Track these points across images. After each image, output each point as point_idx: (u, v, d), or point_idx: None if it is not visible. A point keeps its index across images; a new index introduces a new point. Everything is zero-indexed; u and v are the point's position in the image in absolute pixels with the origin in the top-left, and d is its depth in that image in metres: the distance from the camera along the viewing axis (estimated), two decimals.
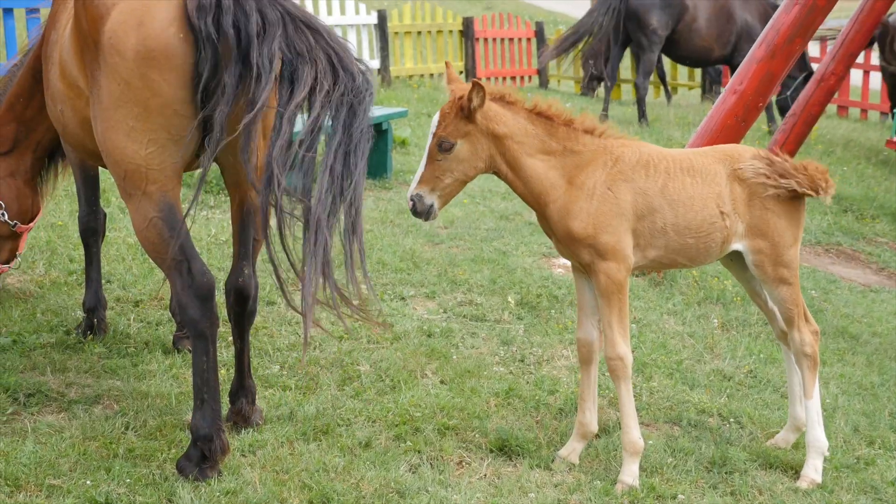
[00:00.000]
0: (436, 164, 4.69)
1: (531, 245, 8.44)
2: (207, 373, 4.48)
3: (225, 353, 5.79)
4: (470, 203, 9.76)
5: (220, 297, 4.90)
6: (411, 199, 4.73)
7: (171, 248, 4.42)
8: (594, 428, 5.09)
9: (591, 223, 4.74)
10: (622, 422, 4.89)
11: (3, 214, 6.15)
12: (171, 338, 6.05)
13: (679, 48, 15.77)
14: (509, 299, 7.13)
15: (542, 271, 7.80)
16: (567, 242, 4.85)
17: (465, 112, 4.66)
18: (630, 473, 4.85)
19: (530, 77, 20.61)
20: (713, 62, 16.12)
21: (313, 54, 4.32)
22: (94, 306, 6.07)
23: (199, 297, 4.42)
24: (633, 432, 4.86)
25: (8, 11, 10.35)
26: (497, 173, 4.84)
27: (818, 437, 5.14)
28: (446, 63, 4.93)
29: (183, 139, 4.39)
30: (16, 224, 6.20)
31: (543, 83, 20.64)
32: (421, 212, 4.73)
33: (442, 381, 5.84)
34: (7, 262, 6.32)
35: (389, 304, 6.88)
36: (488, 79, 19.36)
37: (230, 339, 5.91)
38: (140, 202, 4.45)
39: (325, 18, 16.23)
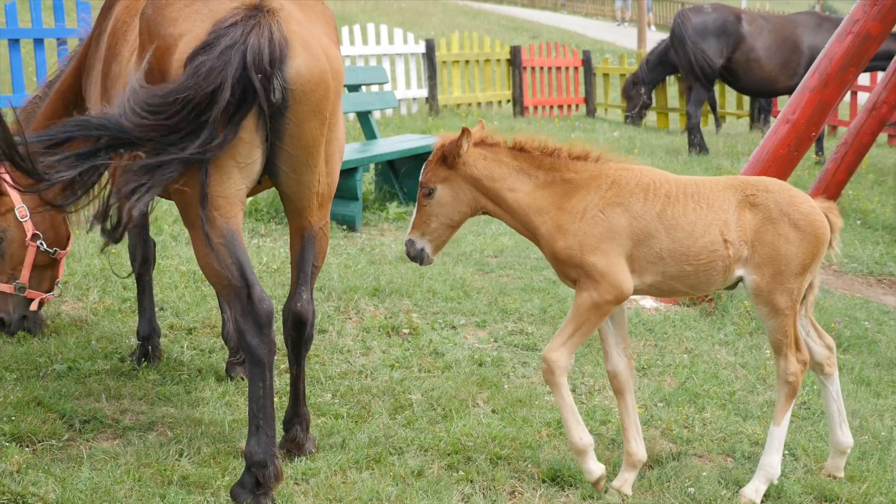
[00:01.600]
0: (423, 209, 4.88)
1: None
2: (263, 399, 4.49)
3: (277, 380, 5.82)
4: None
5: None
6: (405, 244, 4.92)
7: (232, 274, 4.46)
8: (643, 456, 5.05)
9: (577, 243, 4.74)
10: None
11: (41, 244, 6.23)
12: (224, 365, 6.09)
13: (739, 78, 15.45)
14: None
15: None
16: (553, 262, 4.88)
17: (444, 160, 4.83)
18: (587, 472, 4.84)
19: (577, 105, 20.64)
20: (780, 92, 15.75)
21: None
22: (149, 334, 6.13)
23: (258, 324, 4.44)
24: (575, 433, 4.83)
25: (39, 42, 10.70)
26: (487, 213, 4.95)
27: (772, 463, 5.03)
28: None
29: (248, 166, 4.43)
30: (55, 251, 6.30)
31: (591, 112, 20.65)
32: (414, 256, 4.93)
33: (493, 411, 5.83)
34: (49, 290, 6.40)
35: (440, 333, 6.89)
36: (535, 107, 19.42)
37: (282, 367, 5.98)
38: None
39: (374, 48, 16.39)
